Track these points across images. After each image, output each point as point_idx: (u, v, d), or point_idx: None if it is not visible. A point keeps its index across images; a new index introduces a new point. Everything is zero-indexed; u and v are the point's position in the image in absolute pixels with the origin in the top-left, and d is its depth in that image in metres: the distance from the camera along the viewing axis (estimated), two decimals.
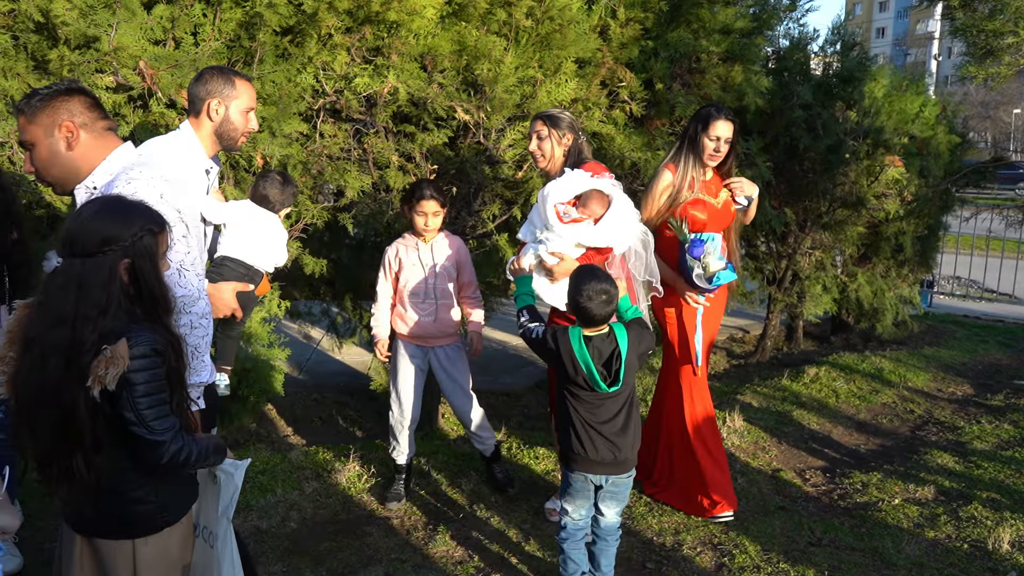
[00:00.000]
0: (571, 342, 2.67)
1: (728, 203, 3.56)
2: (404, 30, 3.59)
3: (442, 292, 3.62)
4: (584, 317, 2.68)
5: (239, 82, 2.67)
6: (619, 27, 4.30)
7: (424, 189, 3.47)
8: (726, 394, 5.52)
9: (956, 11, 5.45)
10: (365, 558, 3.22)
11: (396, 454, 3.76)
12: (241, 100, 2.68)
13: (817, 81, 5.76)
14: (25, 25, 3.11)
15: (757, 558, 3.31)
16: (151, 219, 1.93)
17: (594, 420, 2.72)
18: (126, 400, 1.80)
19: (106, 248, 1.83)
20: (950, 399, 5.67)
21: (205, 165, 2.71)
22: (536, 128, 3.32)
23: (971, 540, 3.49)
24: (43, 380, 1.80)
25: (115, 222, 1.86)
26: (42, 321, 1.83)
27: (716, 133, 3.43)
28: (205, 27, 3.35)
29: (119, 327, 1.80)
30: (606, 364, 2.68)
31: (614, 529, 2.89)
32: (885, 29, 58.28)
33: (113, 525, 1.95)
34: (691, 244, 3.35)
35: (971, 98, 26.42)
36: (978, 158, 9.62)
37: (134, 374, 1.79)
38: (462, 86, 3.84)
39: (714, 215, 3.53)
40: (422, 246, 3.59)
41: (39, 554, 3.10)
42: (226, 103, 2.66)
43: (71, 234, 1.85)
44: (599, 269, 2.79)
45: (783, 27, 5.54)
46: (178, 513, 2.03)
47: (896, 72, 7.55)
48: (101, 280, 1.81)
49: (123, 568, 1.95)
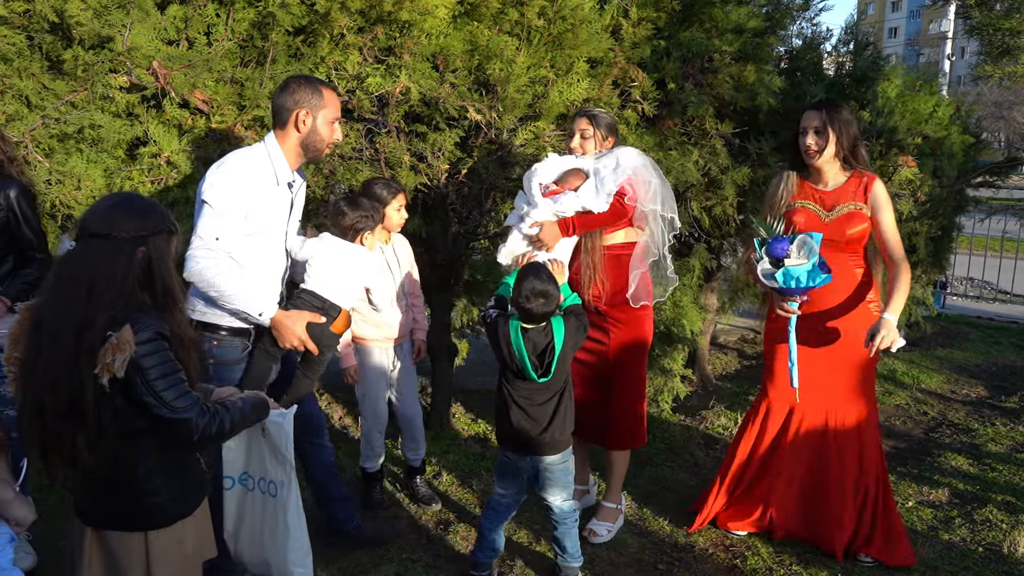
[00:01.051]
0: (509, 331, 2.81)
1: (842, 221, 3.18)
2: (416, 30, 3.59)
3: (409, 290, 3.63)
4: (524, 315, 2.81)
5: (326, 92, 2.68)
6: (631, 27, 4.29)
7: (393, 184, 3.42)
8: (738, 395, 5.50)
9: (972, 9, 5.41)
10: (376, 558, 3.22)
11: (370, 461, 3.67)
12: (328, 110, 2.70)
13: (830, 81, 5.71)
14: (40, 25, 3.13)
15: (770, 560, 3.29)
16: (168, 219, 1.97)
17: (525, 404, 2.85)
18: (141, 386, 1.81)
19: (125, 235, 1.86)
20: (964, 401, 5.62)
21: (288, 178, 2.70)
22: (580, 126, 3.28)
23: (986, 543, 3.46)
24: (52, 361, 1.80)
25: (136, 214, 1.90)
26: (53, 301, 1.84)
27: (803, 124, 3.23)
28: (218, 27, 3.36)
29: (126, 313, 1.82)
30: (540, 355, 2.80)
31: (568, 514, 3.01)
32: (897, 29, 57.95)
33: (125, 518, 1.94)
34: (773, 240, 3.11)
35: (985, 98, 26.21)
36: (991, 159, 9.54)
37: (143, 359, 1.80)
38: (474, 86, 3.83)
39: (813, 227, 3.19)
40: (385, 248, 3.52)
41: (53, 552, 3.11)
42: (314, 113, 2.67)
43: (92, 219, 1.88)
44: (543, 269, 2.88)
45: (796, 26, 5.50)
46: (192, 505, 2.02)
47: (909, 72, 7.50)
48: (119, 263, 1.84)
49: (135, 561, 1.93)
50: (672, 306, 4.62)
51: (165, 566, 1.96)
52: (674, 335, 4.63)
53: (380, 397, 3.61)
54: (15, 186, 2.92)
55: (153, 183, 3.32)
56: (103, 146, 3.27)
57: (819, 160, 3.21)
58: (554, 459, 2.91)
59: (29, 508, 2.02)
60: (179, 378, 1.87)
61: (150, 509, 1.95)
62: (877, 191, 3.20)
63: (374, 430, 3.64)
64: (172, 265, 1.96)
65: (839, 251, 3.19)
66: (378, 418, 3.62)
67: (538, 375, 2.80)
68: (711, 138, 4.59)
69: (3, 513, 1.96)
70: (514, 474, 2.97)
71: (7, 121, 3.10)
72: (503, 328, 2.83)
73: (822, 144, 3.17)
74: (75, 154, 3.23)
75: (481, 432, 4.61)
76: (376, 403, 3.60)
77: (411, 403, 3.70)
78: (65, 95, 3.18)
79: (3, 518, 1.96)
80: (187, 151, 3.32)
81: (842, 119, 3.17)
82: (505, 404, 2.89)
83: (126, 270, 1.84)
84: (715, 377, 6.03)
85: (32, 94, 3.14)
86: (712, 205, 4.78)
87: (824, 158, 3.20)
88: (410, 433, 3.73)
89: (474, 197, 4.17)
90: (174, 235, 1.98)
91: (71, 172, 3.19)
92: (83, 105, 3.19)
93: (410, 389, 3.70)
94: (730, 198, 4.69)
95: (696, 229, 4.96)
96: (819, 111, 3.19)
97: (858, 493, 3.28)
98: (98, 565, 1.98)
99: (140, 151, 3.33)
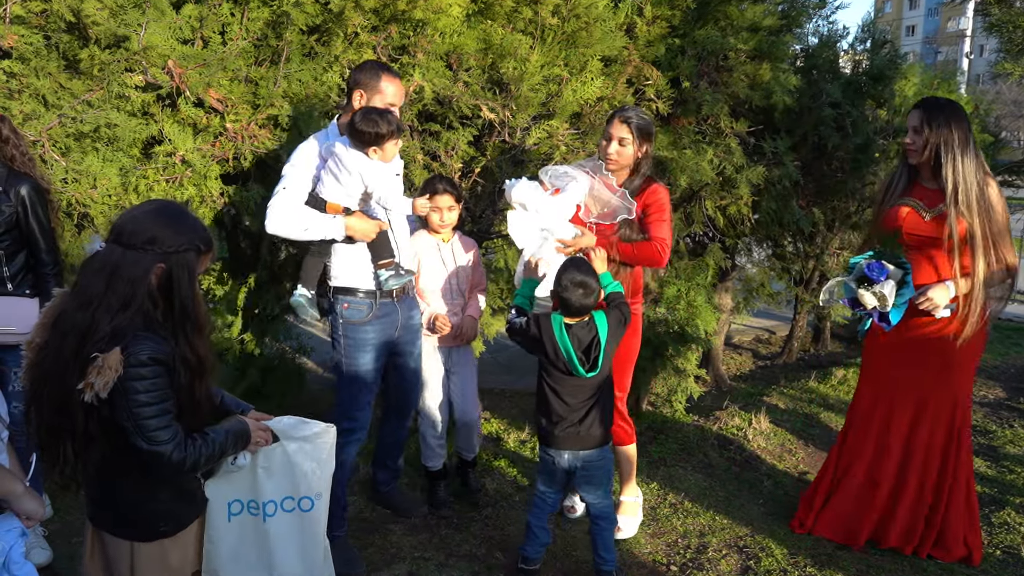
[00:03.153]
0: (552, 327, 2.83)
1: (941, 220, 3.08)
2: (430, 28, 3.59)
3: (465, 292, 3.57)
4: (565, 308, 2.84)
5: (385, 78, 2.95)
6: (645, 25, 4.27)
7: (437, 183, 3.40)
8: (752, 396, 5.46)
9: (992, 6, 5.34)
10: (389, 556, 3.22)
11: (430, 460, 3.66)
12: (382, 96, 2.94)
13: (847, 79, 5.67)
14: (57, 25, 3.15)
15: (784, 562, 3.27)
16: (201, 236, 1.92)
17: (569, 399, 2.88)
18: (123, 410, 1.77)
19: (148, 247, 1.82)
20: (981, 402, 5.56)
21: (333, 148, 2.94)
22: (620, 133, 3.17)
23: (1004, 546, 3.42)
24: (56, 358, 1.80)
25: (167, 227, 1.86)
26: (72, 301, 1.84)
27: (910, 123, 3.12)
28: (233, 26, 3.37)
29: (130, 328, 1.78)
30: (586, 350, 2.82)
31: (605, 513, 3.01)
32: (915, 27, 57.46)
33: (113, 523, 1.97)
34: (876, 264, 3.05)
35: (1003, 97, 25.92)
36: (1011, 157, 9.44)
37: (132, 382, 1.76)
38: (487, 84, 3.83)
39: (915, 227, 3.13)
40: (443, 246, 3.50)
41: (68, 548, 3.13)
42: (368, 95, 2.94)
43: (122, 224, 1.85)
44: (583, 262, 2.91)
45: (812, 24, 5.46)
46: (175, 526, 2.00)
47: (927, 70, 7.43)
48: (134, 274, 1.81)
49: (123, 565, 1.97)
50: (686, 306, 4.60)
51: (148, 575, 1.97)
52: (688, 335, 4.60)
53: (432, 396, 3.57)
54: (27, 183, 2.93)
55: (168, 182, 3.34)
56: (119, 145, 3.28)
57: (919, 159, 3.13)
58: (592, 454, 2.93)
59: (40, 502, 2.03)
60: (164, 408, 1.82)
61: (133, 522, 1.95)
62: None
63: (428, 429, 3.60)
64: (196, 285, 1.91)
65: (937, 249, 3.12)
66: (431, 418, 3.58)
67: (585, 370, 2.81)
68: (726, 137, 4.57)
69: (13, 507, 1.97)
70: (554, 471, 2.99)
71: (24, 120, 3.12)
72: (545, 325, 2.84)
73: (920, 143, 3.09)
74: (91, 153, 3.25)
75: (494, 431, 4.61)
76: (428, 402, 3.57)
77: (466, 407, 3.62)
78: (81, 94, 3.20)
79: (14, 512, 1.98)
80: (201, 150, 3.33)
81: (942, 118, 3.07)
82: (547, 401, 2.91)
83: (139, 281, 1.81)
84: (729, 377, 6.00)
85: (49, 93, 3.16)
86: (727, 204, 4.76)
87: (924, 157, 3.12)
88: (464, 434, 3.67)
89: (487, 196, 4.16)
90: (204, 254, 1.92)
91: (87, 171, 3.21)
92: (99, 104, 3.21)
93: (466, 392, 3.62)
94: (745, 197, 4.66)
95: (710, 228, 4.93)
96: (919, 110, 3.12)
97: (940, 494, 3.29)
98: (98, 560, 2.02)
99: (155, 150, 3.35)
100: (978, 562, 3.26)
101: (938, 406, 3.24)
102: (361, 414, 3.20)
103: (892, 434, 3.31)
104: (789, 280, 6.71)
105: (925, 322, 3.17)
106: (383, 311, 3.15)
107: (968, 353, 3.19)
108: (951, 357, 3.17)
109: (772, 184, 4.78)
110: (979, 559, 3.27)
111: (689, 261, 4.88)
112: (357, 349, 3.14)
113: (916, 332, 3.21)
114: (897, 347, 3.28)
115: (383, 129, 2.85)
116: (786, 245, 6.61)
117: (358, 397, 3.18)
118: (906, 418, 3.29)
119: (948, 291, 3.05)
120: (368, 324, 3.14)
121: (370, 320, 3.13)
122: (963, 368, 3.24)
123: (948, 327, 3.14)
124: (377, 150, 2.90)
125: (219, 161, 3.43)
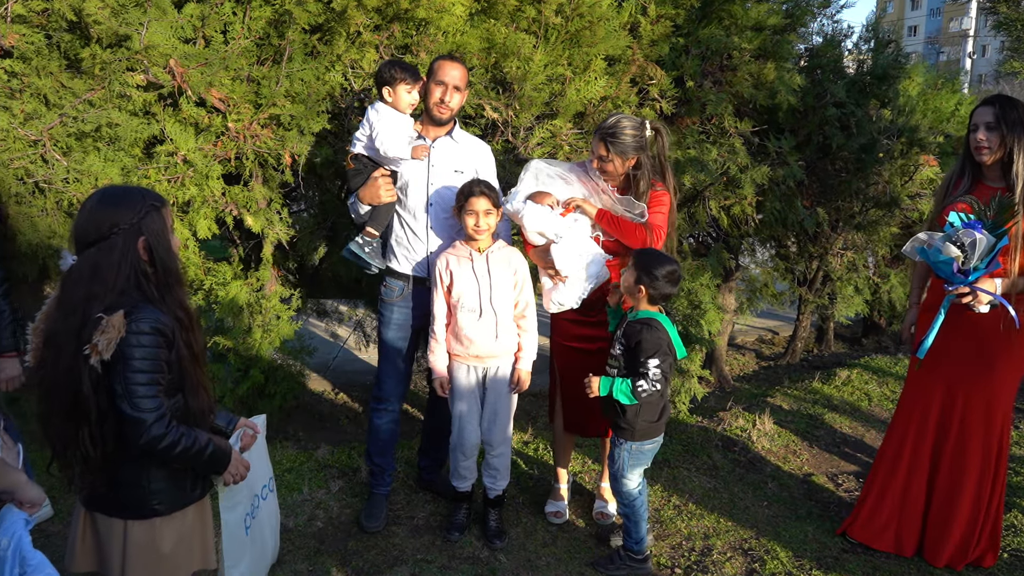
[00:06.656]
0: (670, 334, 2.98)
1: None
2: (433, 27, 3.58)
3: (501, 308, 3.23)
4: (664, 300, 3.02)
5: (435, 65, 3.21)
6: (649, 24, 4.25)
7: (473, 186, 3.11)
8: (756, 396, 5.44)
9: (999, 5, 5.32)
10: (391, 558, 3.20)
11: (456, 481, 3.43)
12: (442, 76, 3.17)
13: (851, 79, 5.65)
14: (58, 24, 3.14)
15: (789, 564, 3.25)
16: (150, 196, 1.98)
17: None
18: (118, 372, 1.84)
19: (113, 231, 1.88)
20: None
21: None
22: (599, 152, 3.12)
23: (1011, 549, 3.40)
24: (57, 368, 1.86)
25: (117, 206, 1.91)
26: (59, 314, 1.90)
27: (975, 119, 3.02)
28: (235, 25, 3.36)
29: (127, 303, 1.84)
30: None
31: (636, 496, 3.19)
32: (917, 27, 57.40)
33: (106, 501, 2.00)
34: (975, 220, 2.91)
35: None
36: None
37: (131, 348, 1.83)
38: (490, 84, 3.81)
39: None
40: (476, 257, 3.19)
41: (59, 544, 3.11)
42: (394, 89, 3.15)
43: (80, 230, 1.91)
44: (662, 252, 3.06)
45: (816, 24, 5.44)
46: (169, 506, 2.04)
47: (931, 70, 7.41)
48: (113, 260, 1.87)
49: (115, 545, 2.00)
50: (690, 306, 4.58)
51: (137, 558, 2.00)
52: (692, 335, 4.58)
53: (464, 418, 3.32)
54: None
55: (170, 182, 3.33)
56: (120, 144, 3.27)
57: (989, 158, 3.01)
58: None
59: (39, 489, 2.06)
60: (155, 379, 1.88)
61: (129, 499, 2.00)
62: None
63: (457, 451, 3.37)
64: (170, 241, 1.97)
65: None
66: (461, 440, 3.34)
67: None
68: (730, 136, 4.55)
69: (18, 496, 1.98)
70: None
71: (26, 119, 3.11)
72: (664, 335, 2.94)
73: (994, 141, 2.99)
74: (92, 152, 3.23)
75: None
76: (459, 423, 3.33)
77: (496, 431, 3.35)
78: (83, 93, 3.19)
79: (17, 501, 1.99)
80: (203, 149, 3.32)
81: (1015, 115, 2.97)
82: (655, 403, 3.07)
83: (122, 268, 1.87)
84: (733, 378, 5.98)
85: (50, 92, 3.15)
86: (731, 204, 4.74)
87: (995, 156, 3.01)
88: (489, 460, 3.41)
89: None
90: (162, 208, 1.98)
91: (88, 170, 3.20)
92: (100, 103, 3.20)
93: (499, 416, 3.35)
94: (749, 197, 4.63)
95: (714, 228, 4.91)
96: (992, 106, 3.00)
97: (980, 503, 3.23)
98: (89, 543, 2.05)
99: (157, 149, 3.34)
100: (990, 564, 3.24)
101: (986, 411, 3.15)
102: (387, 388, 3.45)
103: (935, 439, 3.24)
104: (793, 280, 6.70)
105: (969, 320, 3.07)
106: (414, 297, 3.34)
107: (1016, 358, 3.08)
108: (996, 360, 3.08)
109: (776, 184, 4.76)
110: (992, 561, 3.24)
111: (693, 261, 4.86)
112: (384, 326, 3.43)
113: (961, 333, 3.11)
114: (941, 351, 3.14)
115: (396, 72, 3.12)
116: (790, 245, 6.60)
117: (384, 371, 3.45)
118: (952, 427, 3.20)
119: (994, 287, 2.92)
120: (395, 304, 3.38)
121: (396, 301, 3.37)
122: (1009, 371, 3.14)
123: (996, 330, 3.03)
124: (391, 92, 3.12)
125: (221, 161, 3.41)
